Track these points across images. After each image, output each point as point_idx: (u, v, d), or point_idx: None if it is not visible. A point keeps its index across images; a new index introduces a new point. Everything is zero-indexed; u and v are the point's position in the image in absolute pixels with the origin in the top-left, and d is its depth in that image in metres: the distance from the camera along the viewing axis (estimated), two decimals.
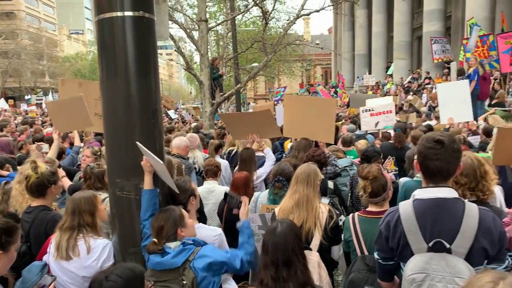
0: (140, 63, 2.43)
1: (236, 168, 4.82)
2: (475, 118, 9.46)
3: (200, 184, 4.54)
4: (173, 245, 2.31)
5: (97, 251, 2.49)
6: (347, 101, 19.34)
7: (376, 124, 8.05)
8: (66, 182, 4.01)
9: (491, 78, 12.39)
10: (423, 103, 15.63)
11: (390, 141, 6.84)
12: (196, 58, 20.27)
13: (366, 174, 2.67)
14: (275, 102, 17.76)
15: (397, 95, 18.68)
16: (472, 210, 1.84)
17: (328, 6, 11.36)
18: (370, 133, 8.03)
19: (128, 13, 2.36)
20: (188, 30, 11.96)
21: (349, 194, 4.55)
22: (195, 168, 5.12)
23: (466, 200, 1.92)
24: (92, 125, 4.58)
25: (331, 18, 41.00)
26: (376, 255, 2.12)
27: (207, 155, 5.64)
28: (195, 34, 11.47)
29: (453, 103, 7.14)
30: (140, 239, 2.49)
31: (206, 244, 2.46)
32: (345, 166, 4.84)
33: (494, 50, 13.37)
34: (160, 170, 2.50)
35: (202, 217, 3.68)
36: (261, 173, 4.67)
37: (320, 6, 11.01)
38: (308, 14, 11.38)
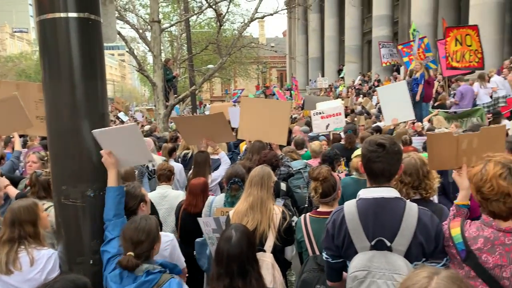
0: (85, 66, 2.34)
1: (191, 171, 4.77)
2: (420, 120, 9.98)
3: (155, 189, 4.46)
4: (143, 267, 2.13)
5: (41, 262, 2.36)
6: (301, 103, 19.74)
7: (327, 126, 8.28)
8: (11, 191, 3.78)
9: (434, 81, 13.13)
10: (373, 105, 16.28)
11: (340, 142, 7.06)
12: (150, 59, 19.85)
13: (316, 175, 2.74)
14: (234, 104, 17.78)
15: (348, 97, 19.31)
16: (411, 209, 1.93)
17: (282, 10, 11.57)
18: (322, 135, 8.24)
19: (72, 14, 2.27)
20: (140, 31, 11.70)
21: (307, 196, 4.63)
22: (153, 171, 5.01)
23: (407, 200, 2.01)
24: (32, 126, 4.35)
25: (286, 22, 41.62)
26: (324, 254, 2.16)
27: (163, 157, 5.55)
28: (148, 35, 11.26)
29: (395, 104, 7.49)
30: (89, 248, 2.40)
31: (175, 266, 2.36)
32: (299, 169, 4.93)
33: (430, 52, 14.19)
34: (126, 149, 2.38)
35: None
36: (216, 176, 4.66)
37: (274, 9, 11.19)
38: (262, 17, 11.49)
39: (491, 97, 10.60)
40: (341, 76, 27.38)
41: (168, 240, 2.73)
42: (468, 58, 11.87)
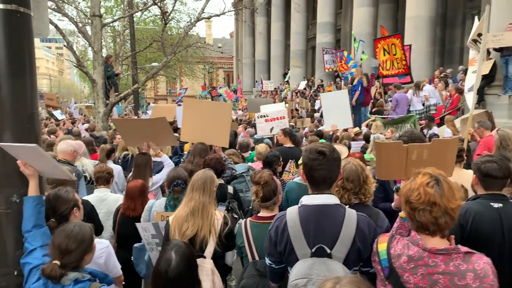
0: (12, 62, 2.16)
1: (130, 174, 4.60)
2: (359, 125, 10.44)
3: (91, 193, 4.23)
4: (70, 276, 2.01)
5: None
6: (245, 105, 19.89)
7: (271, 130, 8.38)
8: None
9: (372, 87, 13.83)
10: (309, 104, 17.42)
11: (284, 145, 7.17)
12: (90, 54, 18.95)
13: (258, 179, 2.75)
14: (178, 104, 17.44)
15: (293, 101, 19.75)
16: (351, 216, 1.98)
17: (229, 11, 11.56)
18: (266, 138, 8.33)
19: None
20: (80, 25, 11.12)
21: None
22: (85, 177, 4.73)
23: (347, 206, 2.06)
24: None
25: (233, 23, 41.65)
26: (267, 260, 2.16)
27: (96, 161, 5.25)
28: (89, 29, 10.73)
29: (336, 111, 7.81)
30: (14, 258, 2.23)
31: (106, 276, 2.24)
32: (242, 172, 4.91)
33: (352, 60, 14.97)
34: (40, 162, 2.23)
35: (98, 228, 3.44)
36: (158, 179, 4.52)
37: (221, 10, 11.15)
38: (208, 18, 11.40)
39: (423, 104, 11.34)
40: (286, 79, 27.92)
41: (103, 247, 2.61)
42: (397, 65, 12.69)
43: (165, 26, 10.91)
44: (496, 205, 2.51)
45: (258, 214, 2.81)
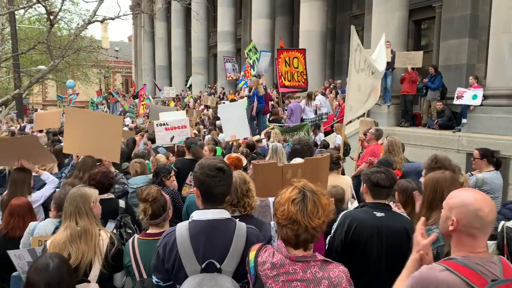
0: None
1: (5, 192, 4.09)
2: (259, 132, 10.78)
3: None
4: None
5: None
6: (146, 112, 19.17)
7: (172, 139, 8.21)
8: None
9: (271, 96, 14.40)
10: (215, 101, 17.98)
11: (186, 156, 7.05)
12: None
13: (145, 196, 2.63)
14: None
15: (195, 109, 19.62)
16: (241, 229, 2.00)
17: (124, 15, 11.05)
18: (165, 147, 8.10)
19: None
20: None
21: None
22: None
23: (237, 220, 2.07)
24: None
25: (132, 26, 39.98)
26: (154, 278, 2.08)
27: None
28: None
29: (233, 121, 7.98)
30: None
31: None
32: (140, 186, 4.67)
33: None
34: None
35: None
36: (38, 197, 4.10)
37: (116, 13, 10.61)
38: (102, 21, 10.76)
39: (315, 113, 12.13)
40: (187, 86, 27.64)
41: None
42: (297, 78, 13.44)
43: (52, 27, 10.02)
44: (379, 214, 2.74)
45: (147, 231, 2.70)
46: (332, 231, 2.88)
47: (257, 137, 8.91)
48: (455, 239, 1.69)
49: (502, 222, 2.71)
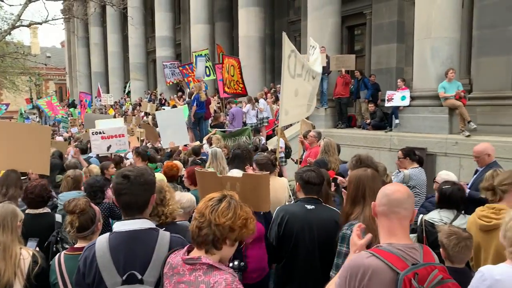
0: None
1: None
2: (202, 138, 10.68)
3: None
4: None
5: None
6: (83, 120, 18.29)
7: (109, 148, 7.90)
8: None
9: (211, 101, 14.35)
10: (154, 108, 17.56)
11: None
12: None
13: (73, 208, 2.51)
14: None
15: (134, 115, 19.04)
16: (163, 238, 1.97)
17: (53, 19, 10.47)
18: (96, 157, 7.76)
19: None
20: None
21: None
22: None
23: (160, 230, 2.04)
24: None
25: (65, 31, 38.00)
26: None
27: None
28: None
29: (172, 128, 7.86)
30: None
31: None
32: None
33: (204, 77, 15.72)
34: None
35: None
36: None
37: (43, 18, 10.04)
38: (28, 25, 10.12)
39: (257, 117, 12.27)
40: (126, 92, 26.79)
41: None
42: (234, 86, 13.59)
43: None
44: (309, 206, 2.92)
45: (75, 245, 2.57)
46: (270, 226, 3.05)
47: (197, 143, 8.84)
48: (379, 226, 1.86)
49: (420, 216, 2.91)
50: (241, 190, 2.48)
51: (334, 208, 3.12)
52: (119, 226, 1.98)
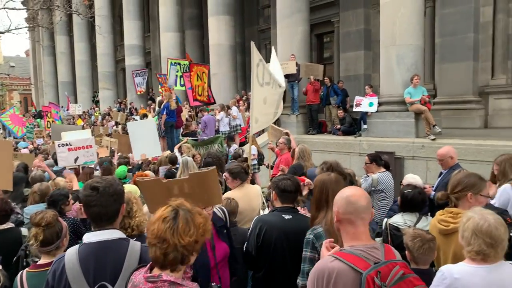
0: None
1: None
2: (172, 148, 10.56)
3: None
4: None
5: None
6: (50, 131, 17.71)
7: (76, 160, 7.70)
8: None
9: (183, 109, 14.25)
10: (124, 117, 17.37)
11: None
12: None
13: (39, 220, 2.45)
14: None
15: (103, 125, 18.65)
16: (134, 248, 1.96)
17: (16, 28, 10.15)
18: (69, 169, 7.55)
19: None
20: None
21: None
22: None
23: (131, 239, 2.03)
24: None
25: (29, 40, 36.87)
26: None
27: None
28: None
29: (144, 140, 7.76)
30: None
31: None
32: None
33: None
34: None
35: None
36: None
37: (6, 27, 9.72)
38: None
39: (230, 125, 12.27)
40: (94, 102, 26.22)
41: None
42: (204, 93, 13.58)
43: None
44: (286, 216, 2.95)
45: (38, 262, 2.48)
46: (248, 237, 3.07)
47: (167, 152, 8.73)
48: (342, 231, 1.90)
49: (385, 220, 2.98)
50: (190, 191, 2.48)
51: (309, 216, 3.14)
52: (89, 237, 1.96)
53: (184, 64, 15.88)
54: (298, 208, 3.24)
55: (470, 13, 11.23)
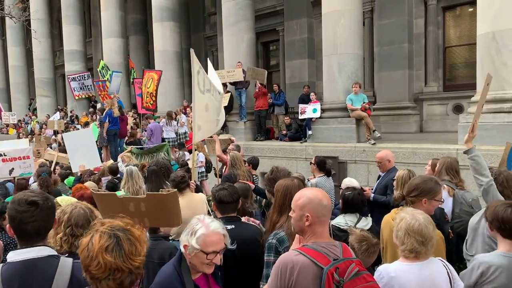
0: None
1: None
2: (115, 156, 10.21)
3: None
4: None
5: None
6: None
7: (11, 171, 7.20)
8: None
9: (128, 118, 13.84)
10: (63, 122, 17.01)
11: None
12: None
13: None
14: None
15: (41, 134, 17.63)
16: (64, 266, 1.86)
17: None
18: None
19: None
20: None
21: None
22: None
23: (62, 256, 1.93)
24: None
25: None
26: None
27: None
28: None
29: (82, 151, 7.45)
30: None
31: None
32: None
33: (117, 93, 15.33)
34: None
35: None
36: None
37: None
38: None
39: (176, 133, 12.10)
40: (31, 110, 24.70)
41: None
42: (148, 100, 13.35)
43: None
44: (229, 226, 2.82)
45: None
46: None
47: (110, 162, 8.44)
48: (310, 232, 1.99)
49: None
50: (147, 210, 2.40)
51: (254, 224, 3.13)
52: (13, 256, 1.83)
53: (104, 66, 15.61)
54: (243, 217, 3.21)
55: (404, 25, 12.00)
